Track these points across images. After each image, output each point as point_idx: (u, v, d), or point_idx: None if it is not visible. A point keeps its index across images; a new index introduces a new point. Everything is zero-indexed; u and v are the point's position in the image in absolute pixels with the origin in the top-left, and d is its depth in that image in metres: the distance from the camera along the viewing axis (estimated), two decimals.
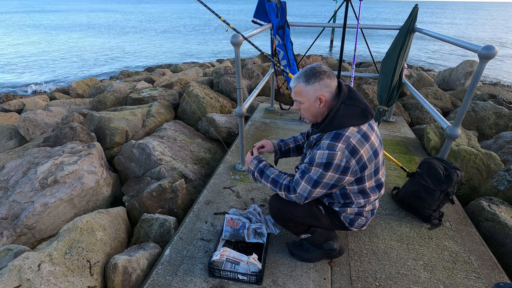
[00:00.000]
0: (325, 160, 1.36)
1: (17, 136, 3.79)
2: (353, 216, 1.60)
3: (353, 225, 1.64)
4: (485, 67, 1.87)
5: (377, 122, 3.13)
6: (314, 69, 1.40)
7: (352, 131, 1.38)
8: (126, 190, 2.59)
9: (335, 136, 1.38)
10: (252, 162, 1.67)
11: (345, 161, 1.35)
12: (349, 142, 1.35)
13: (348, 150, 1.35)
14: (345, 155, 1.35)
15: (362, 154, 1.37)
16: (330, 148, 1.36)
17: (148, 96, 4.33)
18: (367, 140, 1.40)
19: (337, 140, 1.36)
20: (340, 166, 1.35)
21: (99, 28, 27.53)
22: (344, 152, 1.34)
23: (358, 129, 1.39)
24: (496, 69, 12.62)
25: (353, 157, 1.36)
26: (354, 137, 1.37)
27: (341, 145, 1.35)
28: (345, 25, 3.06)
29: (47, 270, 1.52)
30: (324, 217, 1.61)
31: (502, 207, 2.12)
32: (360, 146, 1.37)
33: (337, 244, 1.67)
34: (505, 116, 3.73)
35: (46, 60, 14.45)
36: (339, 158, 1.34)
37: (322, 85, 1.39)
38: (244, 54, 14.38)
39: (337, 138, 1.37)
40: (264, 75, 5.82)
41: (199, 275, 1.64)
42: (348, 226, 1.66)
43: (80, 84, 7.30)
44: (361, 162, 1.38)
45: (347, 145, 1.35)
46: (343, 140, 1.36)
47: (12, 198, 2.18)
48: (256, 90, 2.89)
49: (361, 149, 1.37)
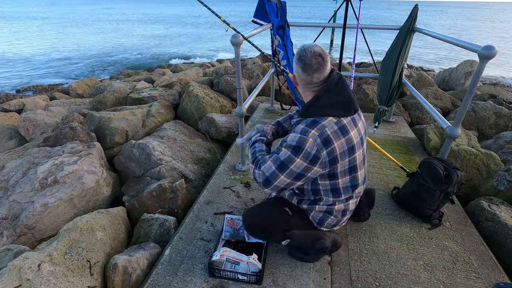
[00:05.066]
0: (294, 144, 1.33)
1: (17, 136, 3.79)
2: (322, 215, 1.57)
3: (323, 224, 1.60)
4: (485, 67, 1.87)
5: (377, 122, 3.13)
6: (296, 54, 1.40)
7: (330, 121, 1.35)
8: (126, 190, 2.59)
9: (311, 122, 1.35)
10: (255, 134, 1.68)
11: (315, 150, 1.31)
12: (323, 131, 1.32)
13: (321, 139, 1.31)
14: (317, 143, 1.31)
15: (335, 147, 1.33)
16: (303, 133, 1.33)
17: (148, 96, 4.33)
18: (344, 134, 1.36)
19: (312, 127, 1.33)
20: (310, 154, 1.32)
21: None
22: (316, 140, 1.31)
23: (337, 120, 1.36)
24: (496, 69, 12.62)
25: (325, 148, 1.32)
26: (330, 128, 1.34)
27: (315, 132, 1.32)
28: (345, 25, 3.06)
29: (47, 270, 1.52)
30: (293, 218, 1.59)
31: (502, 207, 2.12)
32: (335, 138, 1.33)
33: (328, 241, 1.62)
34: (505, 116, 3.73)
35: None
36: (310, 145, 1.31)
37: (297, 71, 1.40)
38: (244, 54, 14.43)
39: (312, 124, 1.34)
40: (264, 75, 5.82)
41: (199, 275, 1.64)
42: (317, 226, 1.62)
43: (80, 84, 7.30)
44: (332, 154, 1.34)
45: (320, 134, 1.32)
46: (317, 127, 1.33)
47: (12, 198, 2.18)
48: (256, 90, 2.89)
49: (335, 142, 1.33)
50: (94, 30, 25.58)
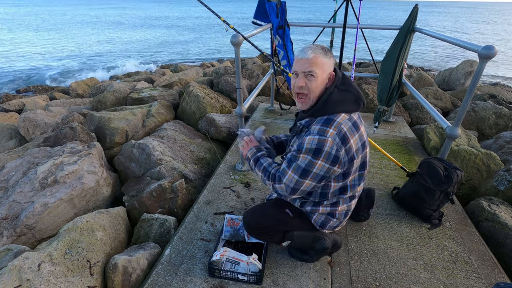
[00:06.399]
0: (315, 146, 1.28)
1: (17, 136, 3.79)
2: (324, 218, 1.55)
3: (325, 227, 1.59)
4: (485, 67, 1.87)
5: (377, 122, 3.13)
6: (326, 47, 1.37)
7: (343, 118, 1.32)
8: (126, 190, 2.59)
9: (326, 121, 1.31)
10: (251, 150, 1.60)
11: (335, 150, 1.28)
12: (341, 129, 1.29)
13: (339, 137, 1.29)
14: (336, 142, 1.28)
15: (352, 144, 1.31)
16: (321, 133, 1.28)
17: (148, 96, 4.33)
18: (357, 130, 1.35)
19: (329, 126, 1.29)
20: (330, 155, 1.28)
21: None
22: (335, 139, 1.28)
23: (349, 117, 1.35)
24: (495, 69, 12.62)
25: (344, 146, 1.29)
26: (346, 124, 1.31)
27: (333, 131, 1.28)
28: (345, 25, 3.06)
29: (47, 270, 1.52)
30: (294, 219, 1.57)
31: (502, 207, 2.12)
32: (351, 135, 1.31)
33: (329, 241, 1.61)
34: (505, 116, 3.73)
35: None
36: (330, 145, 1.27)
37: (333, 63, 1.37)
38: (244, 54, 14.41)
39: (328, 123, 1.30)
40: (264, 75, 5.82)
41: (199, 275, 1.64)
42: (319, 229, 1.61)
43: (80, 84, 7.30)
44: (350, 153, 1.32)
45: (338, 132, 1.29)
46: (334, 125, 1.29)
47: (12, 198, 2.18)
48: (256, 90, 2.89)
49: (351, 138, 1.31)
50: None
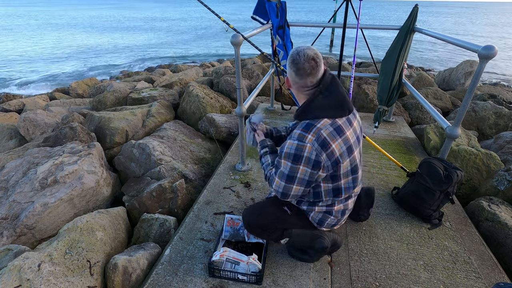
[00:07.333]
0: (293, 151, 1.33)
1: (17, 136, 3.79)
2: (321, 216, 1.57)
3: (323, 224, 1.61)
4: (485, 67, 1.87)
5: (377, 122, 3.13)
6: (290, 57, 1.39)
7: (324, 123, 1.34)
8: (126, 190, 2.59)
9: (306, 126, 1.35)
10: (260, 144, 1.71)
11: (315, 155, 1.31)
12: (320, 134, 1.32)
13: (318, 142, 1.31)
14: (315, 147, 1.31)
15: (334, 148, 1.33)
16: (299, 139, 1.33)
17: (148, 96, 4.33)
18: (340, 135, 1.36)
19: (307, 131, 1.33)
20: (310, 160, 1.32)
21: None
22: (313, 144, 1.31)
23: (332, 122, 1.36)
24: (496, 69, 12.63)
25: (324, 151, 1.32)
26: (326, 130, 1.33)
27: (311, 137, 1.32)
28: (345, 25, 3.06)
29: (47, 270, 1.52)
30: (292, 217, 1.60)
31: (502, 207, 2.12)
32: (331, 139, 1.33)
33: (328, 240, 1.61)
34: (505, 116, 3.73)
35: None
36: (309, 150, 1.31)
37: (294, 73, 1.38)
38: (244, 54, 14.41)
39: (307, 129, 1.34)
40: (264, 75, 5.82)
41: (199, 275, 1.64)
42: (317, 226, 1.63)
43: (80, 84, 7.30)
44: (333, 157, 1.34)
45: (317, 137, 1.31)
46: (313, 131, 1.32)
47: (12, 198, 2.18)
48: (256, 90, 2.89)
49: (332, 143, 1.33)
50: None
